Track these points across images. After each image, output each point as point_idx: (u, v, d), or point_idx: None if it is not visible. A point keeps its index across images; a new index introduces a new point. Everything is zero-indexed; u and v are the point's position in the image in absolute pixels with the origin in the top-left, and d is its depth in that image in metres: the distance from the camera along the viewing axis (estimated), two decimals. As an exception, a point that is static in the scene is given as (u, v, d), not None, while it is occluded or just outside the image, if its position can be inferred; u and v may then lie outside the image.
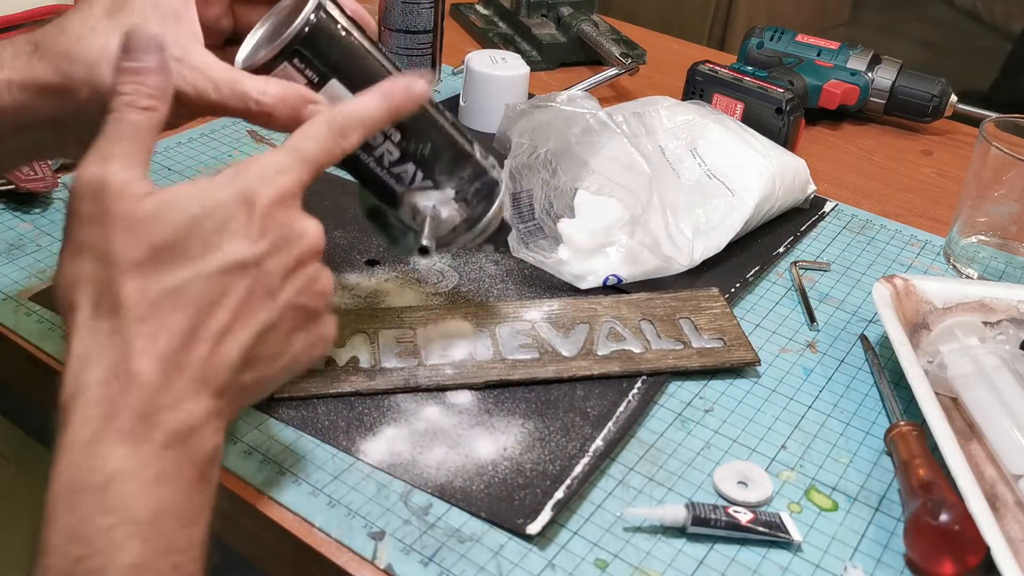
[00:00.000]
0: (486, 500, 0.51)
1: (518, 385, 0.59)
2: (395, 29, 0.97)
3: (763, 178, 0.76)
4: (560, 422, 0.57)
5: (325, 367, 0.59)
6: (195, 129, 0.88)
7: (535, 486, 0.52)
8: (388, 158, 0.54)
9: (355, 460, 0.53)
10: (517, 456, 0.54)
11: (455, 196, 0.56)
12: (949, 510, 0.49)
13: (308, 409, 0.56)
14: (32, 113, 0.49)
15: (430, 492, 0.52)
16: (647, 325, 0.64)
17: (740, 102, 0.91)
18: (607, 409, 0.58)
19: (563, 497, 0.51)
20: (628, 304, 0.66)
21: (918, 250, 0.80)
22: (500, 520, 0.50)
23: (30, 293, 0.64)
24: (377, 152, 0.53)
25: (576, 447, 0.55)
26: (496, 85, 0.91)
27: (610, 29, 1.13)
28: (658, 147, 0.78)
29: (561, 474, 0.53)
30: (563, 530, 0.51)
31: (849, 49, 1.00)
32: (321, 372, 0.58)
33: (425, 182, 0.55)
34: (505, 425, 0.56)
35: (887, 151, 0.98)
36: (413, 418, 0.56)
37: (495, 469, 0.53)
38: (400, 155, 0.54)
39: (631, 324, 0.64)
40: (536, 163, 0.73)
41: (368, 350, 0.60)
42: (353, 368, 0.59)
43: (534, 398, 0.58)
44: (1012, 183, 0.73)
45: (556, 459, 0.54)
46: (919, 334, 0.65)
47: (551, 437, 0.56)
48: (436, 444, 0.55)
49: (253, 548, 0.53)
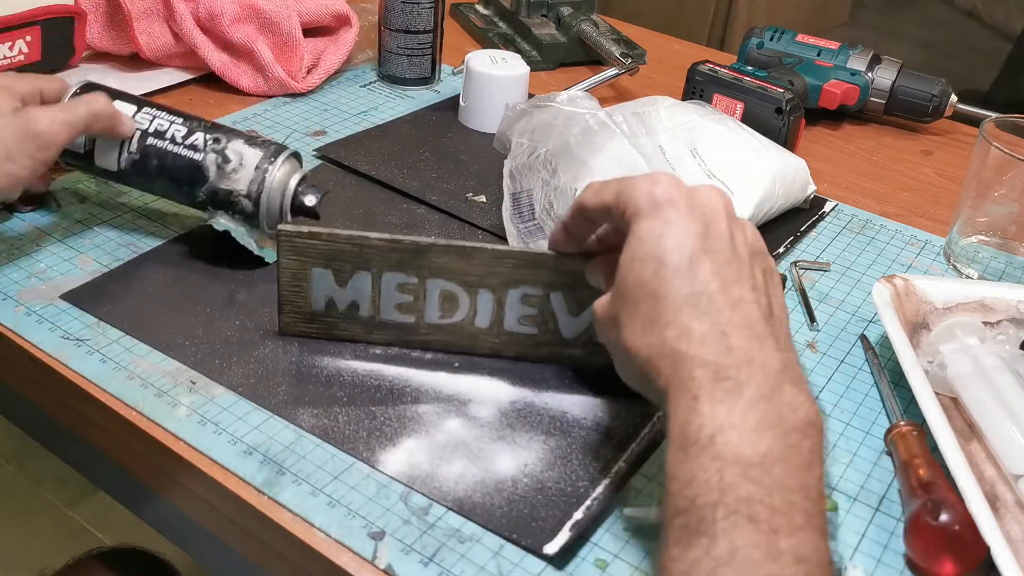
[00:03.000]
0: (504, 518, 0.51)
1: (510, 360, 0.60)
2: (395, 29, 0.97)
3: (763, 178, 0.76)
4: (583, 441, 0.56)
5: (325, 309, 0.60)
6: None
7: (554, 505, 0.51)
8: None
9: (355, 460, 0.53)
10: (538, 473, 0.53)
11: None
12: (949, 510, 0.49)
13: (329, 418, 0.56)
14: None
15: (448, 506, 0.51)
16: None
17: (740, 102, 0.91)
18: (632, 430, 0.57)
19: (582, 518, 0.51)
20: None
21: (918, 250, 0.80)
22: (518, 539, 0.49)
23: (31, 293, 0.64)
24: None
25: (598, 468, 0.54)
26: (496, 85, 0.91)
27: (610, 29, 1.13)
28: (658, 147, 0.78)
29: (582, 495, 0.52)
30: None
31: (849, 49, 1.00)
32: (322, 315, 0.60)
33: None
34: (527, 441, 0.56)
35: (887, 151, 0.98)
36: (434, 429, 0.56)
37: (515, 485, 0.52)
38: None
39: None
40: (536, 163, 0.73)
41: (369, 296, 0.60)
42: (352, 316, 0.60)
43: (557, 415, 0.58)
44: (1012, 183, 0.73)
45: (578, 479, 0.53)
46: (919, 334, 0.65)
47: (573, 455, 0.55)
48: (456, 457, 0.54)
49: (253, 548, 0.53)
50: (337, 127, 0.91)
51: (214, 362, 0.59)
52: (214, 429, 0.55)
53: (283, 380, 0.59)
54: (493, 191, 0.81)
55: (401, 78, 1.00)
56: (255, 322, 0.63)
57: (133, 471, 0.59)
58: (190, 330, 0.62)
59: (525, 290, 0.59)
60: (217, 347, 0.61)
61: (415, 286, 0.59)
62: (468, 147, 0.89)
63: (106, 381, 0.58)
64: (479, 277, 0.59)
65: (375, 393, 0.58)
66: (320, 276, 0.59)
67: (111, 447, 0.60)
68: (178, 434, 0.55)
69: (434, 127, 0.93)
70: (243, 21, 0.94)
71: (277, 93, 0.96)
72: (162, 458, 0.55)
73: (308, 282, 0.59)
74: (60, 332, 0.61)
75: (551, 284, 0.59)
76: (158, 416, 0.56)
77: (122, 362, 0.59)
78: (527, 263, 0.58)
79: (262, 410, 0.56)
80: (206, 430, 0.55)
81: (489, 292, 0.59)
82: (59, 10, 0.89)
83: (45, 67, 0.91)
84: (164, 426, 0.55)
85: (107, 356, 0.59)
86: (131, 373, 0.58)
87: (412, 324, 0.61)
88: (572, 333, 0.61)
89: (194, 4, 0.93)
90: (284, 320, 0.61)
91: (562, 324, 0.60)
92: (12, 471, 1.64)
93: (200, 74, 0.96)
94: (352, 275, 0.59)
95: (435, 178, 0.82)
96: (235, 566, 0.58)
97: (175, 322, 0.62)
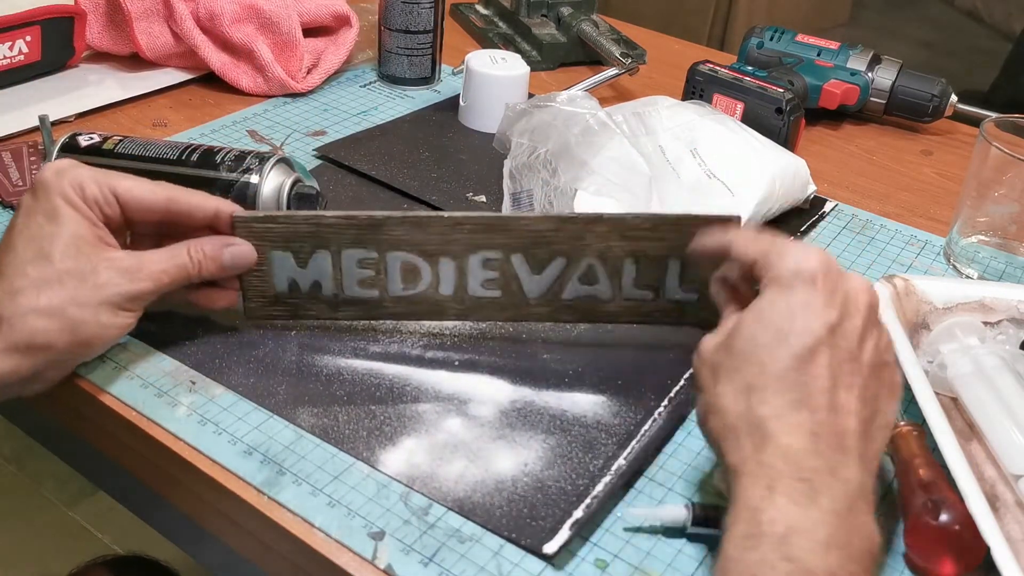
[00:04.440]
0: (504, 517, 0.50)
1: (478, 322, 0.61)
2: (395, 29, 0.97)
3: (763, 178, 0.76)
4: (583, 439, 0.56)
5: (288, 291, 0.60)
6: (195, 129, 0.88)
7: (554, 504, 0.51)
8: None
9: (355, 460, 0.53)
10: (538, 472, 0.53)
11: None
12: (949, 510, 0.49)
13: (329, 418, 0.56)
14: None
15: (448, 506, 0.51)
16: (630, 266, 0.59)
17: (740, 102, 0.91)
18: (632, 428, 0.57)
19: (582, 517, 0.51)
20: (627, 233, 0.59)
21: (918, 250, 0.80)
22: (518, 538, 0.49)
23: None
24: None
25: (599, 465, 0.54)
26: (496, 85, 0.91)
27: (610, 29, 1.13)
28: (658, 147, 0.78)
29: (582, 493, 0.52)
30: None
31: (849, 49, 1.00)
32: (286, 297, 0.60)
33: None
34: (527, 440, 0.55)
35: (887, 151, 0.98)
36: (434, 429, 0.56)
37: (515, 485, 0.52)
38: None
39: (614, 262, 0.59)
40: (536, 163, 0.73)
41: (331, 275, 0.60)
42: (316, 295, 0.61)
43: (557, 413, 0.58)
44: (1012, 183, 0.73)
45: (578, 477, 0.53)
46: (919, 334, 0.65)
47: (573, 454, 0.55)
48: (456, 457, 0.54)
49: (253, 548, 0.53)
50: (337, 127, 0.91)
51: (214, 362, 0.59)
52: (214, 429, 0.55)
53: (283, 380, 0.59)
54: (493, 191, 0.81)
55: (401, 78, 1.00)
56: (255, 322, 0.63)
57: (133, 471, 0.59)
58: (190, 330, 0.62)
59: (485, 255, 0.59)
60: (217, 347, 0.61)
61: (375, 260, 0.59)
62: (468, 147, 0.89)
63: (106, 381, 0.58)
64: (438, 246, 0.59)
65: (375, 393, 0.58)
66: (280, 259, 0.59)
67: (111, 447, 0.60)
68: (178, 434, 0.55)
69: (434, 127, 0.93)
70: (243, 21, 0.94)
71: (277, 93, 0.96)
72: (162, 458, 0.55)
73: (269, 266, 0.60)
74: (60, 332, 0.61)
75: (510, 246, 0.59)
76: (158, 416, 0.56)
77: (122, 362, 0.59)
78: (483, 228, 0.58)
79: (262, 410, 0.56)
80: (206, 430, 0.55)
81: (450, 260, 0.59)
82: (59, 10, 0.89)
83: (45, 67, 0.92)
84: (164, 426, 0.55)
85: (107, 356, 0.59)
86: (131, 373, 0.58)
87: (376, 298, 0.61)
88: (536, 292, 0.61)
89: (194, 4, 0.93)
90: (248, 306, 0.61)
91: (525, 284, 0.60)
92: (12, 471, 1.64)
93: (200, 74, 0.96)
94: (312, 255, 0.59)
95: (435, 178, 0.82)
96: (235, 566, 0.58)
97: (175, 321, 0.62)
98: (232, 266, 0.58)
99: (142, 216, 0.57)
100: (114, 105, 0.91)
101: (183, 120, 0.90)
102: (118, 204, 0.55)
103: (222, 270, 0.58)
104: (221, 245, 0.57)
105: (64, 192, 0.54)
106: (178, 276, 0.56)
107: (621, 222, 0.59)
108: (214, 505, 0.54)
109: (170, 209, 0.57)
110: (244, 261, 0.58)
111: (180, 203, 0.57)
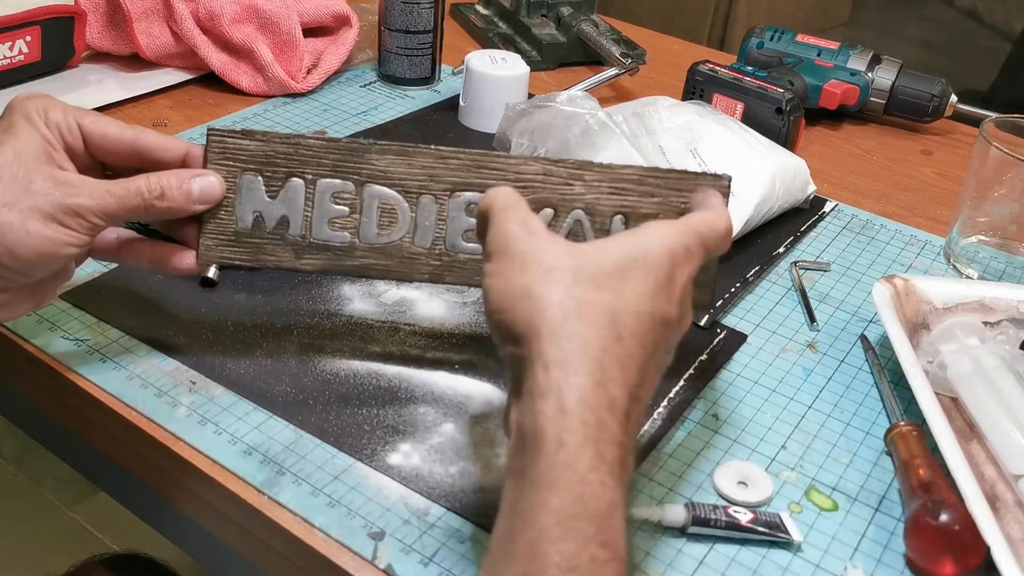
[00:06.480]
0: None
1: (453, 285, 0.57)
2: (395, 29, 0.97)
3: (763, 178, 0.76)
4: None
5: (252, 228, 0.57)
6: (195, 129, 0.88)
7: None
8: None
9: (355, 460, 0.53)
10: None
11: None
12: (949, 510, 0.49)
13: (329, 418, 0.56)
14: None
15: (448, 506, 0.51)
16: (619, 224, 0.56)
17: (740, 102, 0.91)
18: None
19: None
20: (616, 185, 0.56)
21: (918, 250, 0.80)
22: None
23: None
24: None
25: None
26: (496, 85, 0.91)
27: (610, 29, 1.13)
28: (658, 147, 0.78)
29: None
30: (563, 530, 0.51)
31: (849, 49, 1.00)
32: (247, 235, 0.57)
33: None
34: None
35: (887, 151, 0.98)
36: (434, 429, 0.56)
37: None
38: None
39: (601, 218, 0.56)
40: (536, 163, 0.73)
41: (301, 210, 0.56)
42: (280, 235, 0.57)
43: None
44: (1012, 183, 0.73)
45: None
46: (919, 334, 0.65)
47: None
48: (456, 457, 0.54)
49: (253, 548, 0.53)
50: (337, 127, 0.91)
51: (214, 362, 0.59)
52: (214, 429, 0.55)
53: (283, 380, 0.59)
54: (493, 191, 0.81)
55: (401, 78, 1.00)
56: (256, 322, 0.63)
57: (133, 471, 0.59)
58: (190, 330, 0.62)
59: (468, 197, 0.56)
60: (217, 347, 0.61)
61: (352, 195, 0.57)
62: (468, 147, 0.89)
63: (106, 381, 0.58)
64: (421, 182, 0.56)
65: (375, 393, 0.58)
66: (250, 184, 0.56)
67: (111, 447, 0.60)
68: (178, 434, 0.55)
69: (434, 127, 0.93)
70: (243, 21, 0.94)
71: (277, 93, 0.96)
72: (162, 458, 0.55)
73: (237, 194, 0.56)
74: (60, 332, 0.61)
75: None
76: (158, 416, 0.56)
77: (122, 362, 0.59)
78: (470, 165, 0.56)
79: (262, 410, 0.56)
80: (206, 430, 0.55)
81: (432, 200, 0.56)
82: (59, 10, 0.89)
83: (45, 67, 0.92)
84: (164, 426, 0.55)
85: (107, 356, 0.59)
86: (131, 373, 0.58)
87: (347, 244, 0.57)
88: None
89: (194, 4, 0.93)
90: (205, 243, 0.57)
91: None
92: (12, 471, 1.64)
93: (200, 74, 0.97)
94: (285, 182, 0.56)
95: (435, 178, 0.82)
96: (235, 566, 0.58)
97: (175, 322, 0.62)
98: (200, 198, 0.55)
99: (109, 153, 0.55)
100: (114, 105, 0.91)
101: (183, 120, 0.90)
102: (82, 135, 0.54)
103: (189, 201, 0.54)
104: (189, 175, 0.54)
105: (26, 111, 0.53)
106: (129, 202, 0.53)
107: (611, 171, 0.56)
108: (214, 505, 0.54)
109: (136, 146, 0.55)
110: (212, 194, 0.55)
111: (148, 141, 0.55)
